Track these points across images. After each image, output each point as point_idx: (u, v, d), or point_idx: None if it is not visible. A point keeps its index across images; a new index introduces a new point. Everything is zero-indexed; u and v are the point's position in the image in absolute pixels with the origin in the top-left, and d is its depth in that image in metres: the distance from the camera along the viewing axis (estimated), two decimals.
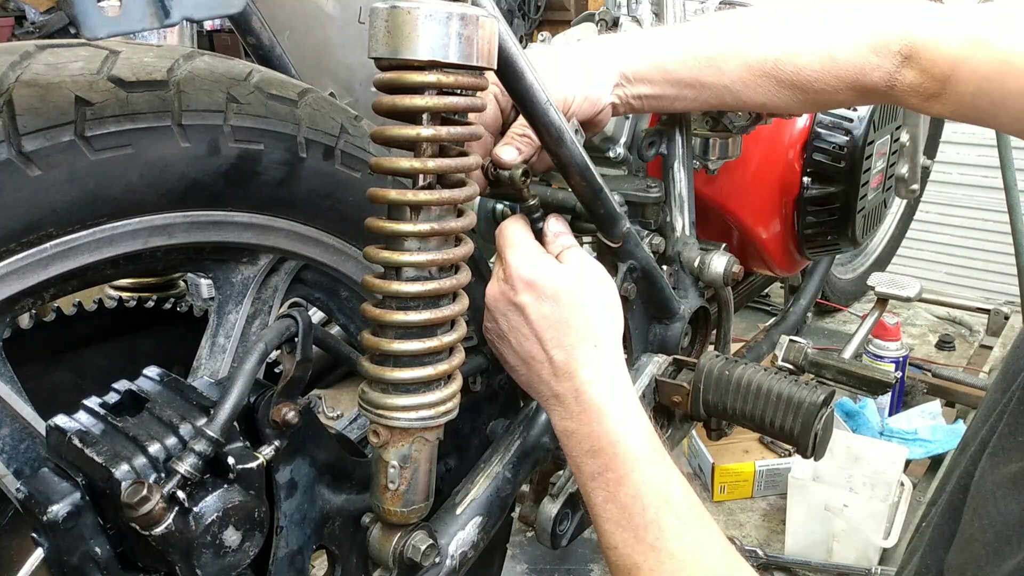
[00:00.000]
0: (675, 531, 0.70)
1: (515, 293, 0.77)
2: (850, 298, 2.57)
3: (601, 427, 0.74)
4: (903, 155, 1.58)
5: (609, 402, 0.75)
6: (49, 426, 0.61)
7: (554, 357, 0.76)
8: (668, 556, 0.69)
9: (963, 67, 0.79)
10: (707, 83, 0.91)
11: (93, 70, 0.58)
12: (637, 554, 0.70)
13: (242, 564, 0.62)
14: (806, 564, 1.57)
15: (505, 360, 0.82)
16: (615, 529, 0.72)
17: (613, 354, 0.78)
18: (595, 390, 0.75)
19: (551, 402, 0.78)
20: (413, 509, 0.72)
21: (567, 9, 5.00)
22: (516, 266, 0.77)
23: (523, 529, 1.64)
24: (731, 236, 1.40)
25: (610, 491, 0.72)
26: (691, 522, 0.71)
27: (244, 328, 0.76)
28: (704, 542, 0.70)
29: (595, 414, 0.74)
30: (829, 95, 0.88)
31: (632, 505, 0.71)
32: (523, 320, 0.77)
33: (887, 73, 0.84)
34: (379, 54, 0.62)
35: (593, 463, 0.73)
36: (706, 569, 0.68)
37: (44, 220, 0.57)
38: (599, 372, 0.76)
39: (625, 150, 1.18)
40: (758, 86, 0.90)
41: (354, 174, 0.76)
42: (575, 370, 0.75)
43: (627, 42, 0.94)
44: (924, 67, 0.82)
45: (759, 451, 1.83)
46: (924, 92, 0.83)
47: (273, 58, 0.92)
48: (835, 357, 1.39)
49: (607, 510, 0.72)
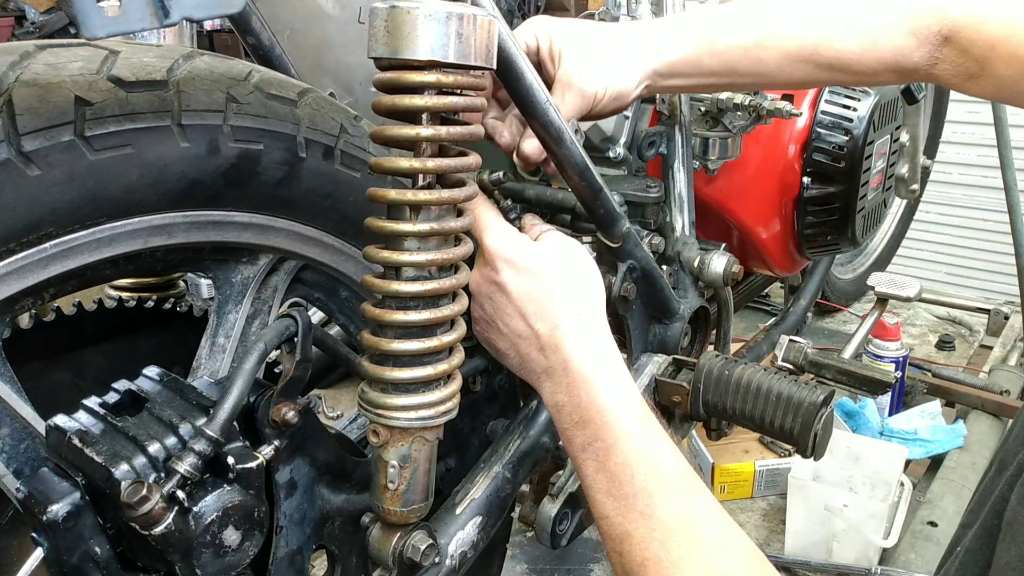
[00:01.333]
0: (665, 498, 0.69)
1: (495, 272, 0.77)
2: (850, 298, 2.57)
3: (589, 397, 0.73)
4: (903, 155, 1.58)
5: (598, 372, 0.75)
6: (49, 426, 0.61)
7: (540, 331, 0.76)
8: (659, 523, 0.68)
9: (1003, 48, 0.80)
10: (743, 71, 0.92)
11: (93, 70, 0.58)
12: (628, 522, 0.69)
13: (242, 564, 0.62)
14: (806, 564, 1.57)
15: (496, 348, 0.81)
16: (606, 499, 0.71)
17: (598, 323, 0.78)
18: (582, 361, 0.75)
19: (541, 378, 0.77)
20: (413, 509, 0.72)
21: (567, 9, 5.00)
22: (492, 246, 0.77)
23: (523, 529, 1.64)
24: (731, 236, 1.40)
25: (600, 461, 0.72)
26: (682, 489, 0.70)
27: (244, 328, 0.76)
28: (696, 509, 0.69)
29: (583, 384, 0.74)
30: (869, 76, 0.90)
31: (621, 473, 0.70)
32: (505, 299, 0.77)
33: (927, 54, 0.85)
34: (379, 54, 0.62)
35: (583, 434, 0.73)
36: (699, 536, 0.67)
37: (44, 220, 0.57)
38: (585, 342, 0.76)
39: (625, 150, 1.19)
40: (796, 70, 0.91)
41: (354, 174, 0.76)
42: (561, 341, 0.75)
43: (661, 33, 0.93)
44: (964, 47, 0.83)
45: (759, 451, 1.83)
46: (964, 72, 0.84)
47: (273, 58, 0.92)
48: (835, 357, 1.39)
49: (597, 480, 0.72)
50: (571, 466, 0.97)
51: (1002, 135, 2.24)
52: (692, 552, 0.66)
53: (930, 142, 2.49)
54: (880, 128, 1.36)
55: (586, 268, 0.80)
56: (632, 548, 0.68)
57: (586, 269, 0.80)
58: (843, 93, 1.32)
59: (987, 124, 2.38)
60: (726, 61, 0.91)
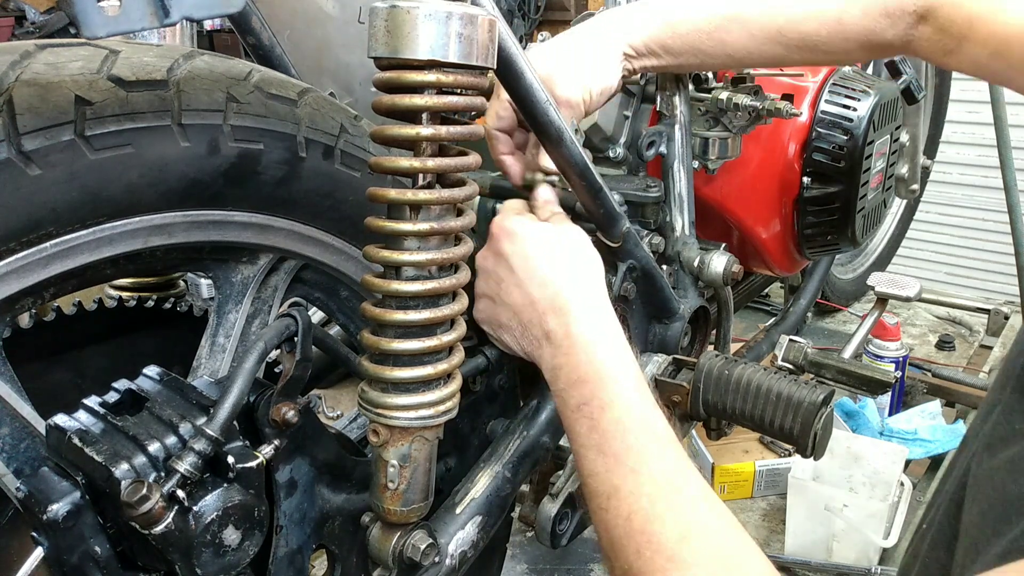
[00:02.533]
0: (655, 455, 0.70)
1: (499, 243, 0.80)
2: (850, 298, 2.57)
3: (588, 357, 0.75)
4: (903, 155, 1.58)
5: (599, 335, 0.76)
6: (49, 425, 0.61)
7: (542, 297, 0.78)
8: (648, 478, 0.69)
9: (981, 26, 0.81)
10: (711, 53, 0.95)
11: (93, 69, 0.58)
12: (617, 477, 0.70)
13: (242, 563, 0.62)
14: (806, 564, 1.57)
15: (498, 322, 0.82)
16: (596, 456, 0.72)
17: (599, 292, 0.80)
18: (584, 324, 0.76)
19: (542, 343, 0.78)
20: (413, 508, 0.72)
21: (567, 9, 5.00)
22: (500, 220, 0.81)
23: (523, 529, 1.64)
24: (731, 236, 1.40)
25: (594, 419, 0.73)
26: (673, 451, 0.71)
27: (244, 327, 0.76)
28: (684, 472, 0.70)
29: (584, 345, 0.75)
30: (841, 55, 0.92)
31: (615, 429, 0.71)
32: (509, 269, 0.79)
33: (902, 32, 0.86)
34: (379, 54, 0.62)
35: (579, 393, 0.74)
36: (684, 494, 0.68)
37: (44, 219, 0.57)
38: (588, 308, 0.77)
39: (625, 150, 1.19)
40: (765, 50, 0.93)
41: (354, 173, 0.76)
42: (563, 305, 0.77)
43: (629, 19, 0.97)
44: (941, 25, 0.84)
45: (759, 451, 1.83)
46: (941, 49, 0.85)
47: (273, 58, 0.92)
48: (835, 357, 1.39)
49: (590, 438, 0.73)
50: (571, 466, 0.97)
51: (1002, 135, 2.24)
52: (677, 507, 0.67)
53: (930, 142, 2.50)
54: (880, 128, 1.36)
55: (587, 250, 0.82)
56: (619, 503, 0.69)
57: (587, 250, 0.82)
58: (843, 93, 1.32)
59: (987, 124, 2.38)
60: (692, 43, 0.95)
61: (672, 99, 1.16)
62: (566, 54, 0.94)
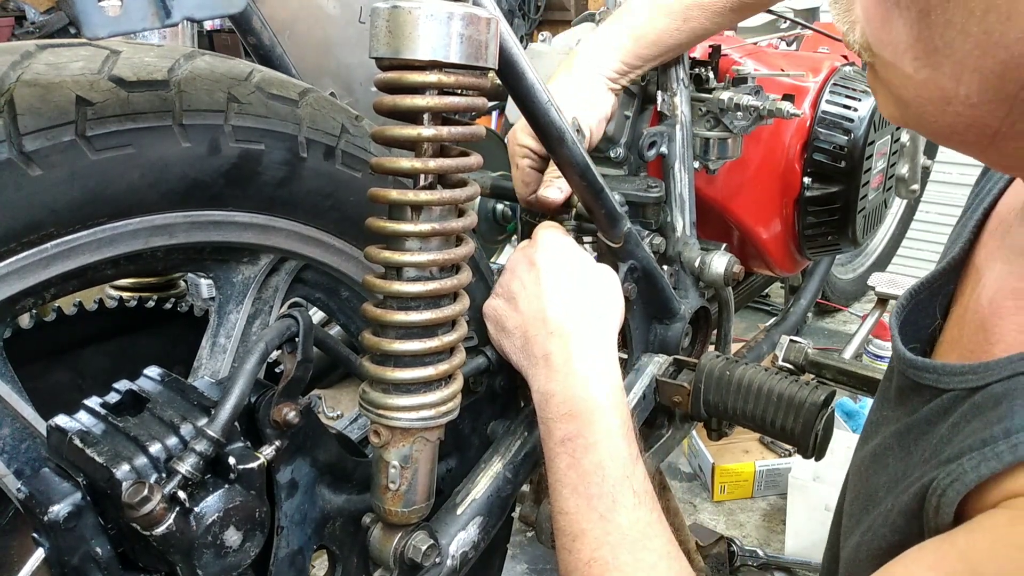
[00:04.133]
0: (628, 507, 0.71)
1: (536, 251, 0.82)
2: (850, 298, 2.57)
3: (583, 393, 0.75)
4: (903, 155, 1.58)
5: (597, 375, 0.77)
6: (50, 426, 0.61)
7: (556, 317, 0.79)
8: (616, 527, 0.70)
9: None
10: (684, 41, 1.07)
11: (94, 70, 0.58)
12: (586, 520, 0.71)
13: (243, 564, 0.62)
14: (806, 564, 1.57)
15: (504, 326, 0.83)
16: (571, 495, 0.73)
17: (610, 338, 0.82)
18: (585, 358, 0.77)
19: (540, 364, 0.79)
20: (414, 509, 0.72)
21: (567, 9, 5.00)
22: (545, 235, 0.84)
23: (523, 529, 1.64)
24: (731, 236, 1.40)
25: (575, 457, 0.74)
26: (646, 503, 0.72)
27: (245, 328, 0.76)
28: (653, 525, 0.72)
29: (580, 379, 0.76)
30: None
31: (593, 474, 0.72)
32: (536, 279, 0.80)
33: None
34: (380, 54, 0.62)
35: (565, 428, 0.75)
36: (648, 549, 0.69)
37: (45, 220, 0.57)
38: (594, 345, 0.78)
39: (625, 150, 1.19)
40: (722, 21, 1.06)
41: (355, 174, 0.76)
42: (570, 332, 0.78)
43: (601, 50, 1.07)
44: None
45: (759, 451, 1.84)
46: None
47: (274, 58, 0.92)
48: (835, 357, 1.39)
49: (568, 476, 0.74)
50: None
51: None
52: (638, 562, 0.69)
53: (930, 142, 2.49)
54: (881, 128, 1.36)
55: (616, 289, 0.86)
56: (583, 546, 0.70)
57: (616, 290, 0.86)
58: (844, 93, 1.32)
59: None
60: (663, 42, 1.05)
61: (673, 99, 1.16)
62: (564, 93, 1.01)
